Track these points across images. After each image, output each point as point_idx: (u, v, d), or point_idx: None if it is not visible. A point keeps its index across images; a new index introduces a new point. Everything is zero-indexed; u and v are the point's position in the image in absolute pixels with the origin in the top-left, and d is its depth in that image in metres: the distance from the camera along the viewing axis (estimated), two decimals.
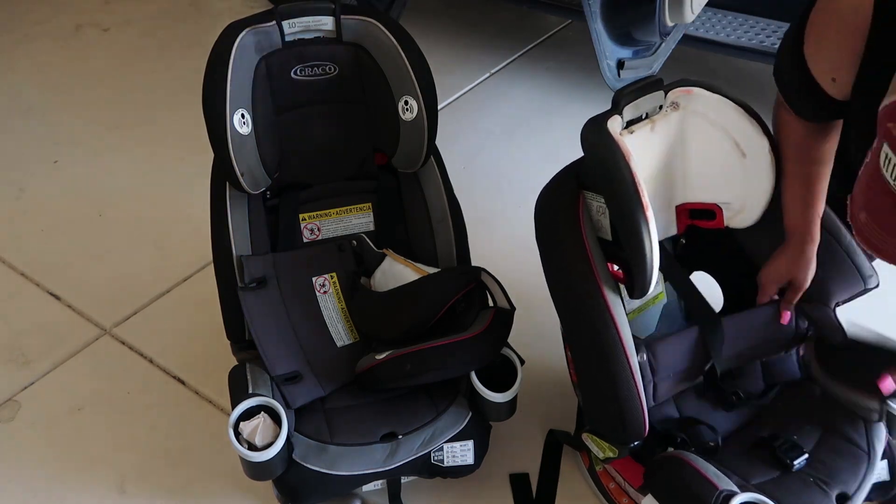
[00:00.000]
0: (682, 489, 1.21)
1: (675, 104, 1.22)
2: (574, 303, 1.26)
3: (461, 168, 2.28)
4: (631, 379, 1.21)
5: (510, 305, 1.40)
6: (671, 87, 1.23)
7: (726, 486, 1.16)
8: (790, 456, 1.29)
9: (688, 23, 2.00)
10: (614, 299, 1.21)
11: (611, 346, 1.20)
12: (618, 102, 1.19)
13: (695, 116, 1.23)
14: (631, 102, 1.20)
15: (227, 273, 1.46)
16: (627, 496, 1.41)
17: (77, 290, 1.94)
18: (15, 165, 2.32)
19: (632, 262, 1.17)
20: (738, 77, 2.71)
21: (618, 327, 1.19)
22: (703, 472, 1.19)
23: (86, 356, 1.79)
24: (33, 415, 1.66)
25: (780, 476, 1.28)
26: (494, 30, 3.01)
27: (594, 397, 1.30)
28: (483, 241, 1.88)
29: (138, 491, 1.53)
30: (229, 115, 1.35)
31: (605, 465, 1.44)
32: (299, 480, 1.32)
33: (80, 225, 2.11)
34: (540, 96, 2.63)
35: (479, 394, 1.36)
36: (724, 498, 1.14)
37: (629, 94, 1.19)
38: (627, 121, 1.21)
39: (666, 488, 1.24)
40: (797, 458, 1.28)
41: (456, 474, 1.41)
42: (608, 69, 1.90)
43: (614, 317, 1.20)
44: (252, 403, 1.30)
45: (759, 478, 1.28)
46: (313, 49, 1.45)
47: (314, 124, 1.52)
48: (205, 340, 1.76)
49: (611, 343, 1.20)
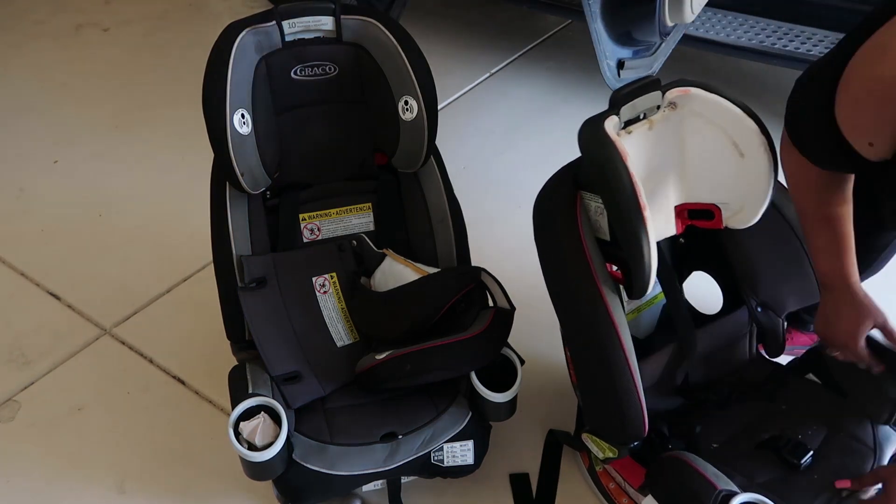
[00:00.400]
0: (681, 489, 1.21)
1: (673, 104, 1.22)
2: (573, 304, 1.26)
3: (461, 168, 2.29)
4: (630, 379, 1.20)
5: (510, 305, 1.40)
6: (669, 87, 1.23)
7: (725, 486, 1.16)
8: (796, 455, 1.29)
9: (688, 23, 2.00)
10: (613, 300, 1.20)
11: (610, 347, 1.20)
12: (615, 102, 1.19)
13: (692, 116, 1.23)
14: (628, 102, 1.19)
15: (227, 273, 1.46)
16: (627, 496, 1.41)
17: (77, 289, 1.94)
18: (15, 165, 2.32)
19: (630, 263, 1.17)
20: (737, 77, 2.72)
21: (616, 328, 1.19)
22: (702, 471, 1.19)
23: (86, 356, 1.79)
24: (33, 415, 1.67)
25: (786, 475, 1.28)
26: (494, 30, 3.01)
27: (594, 397, 1.30)
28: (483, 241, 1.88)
29: (138, 491, 1.53)
30: (229, 115, 1.35)
31: (605, 466, 1.44)
32: (299, 480, 1.32)
33: (80, 225, 2.11)
34: (540, 96, 2.63)
35: (479, 394, 1.36)
36: (724, 498, 1.14)
37: (626, 95, 1.19)
38: (625, 121, 1.21)
39: (666, 488, 1.25)
40: (803, 457, 1.28)
41: (456, 474, 1.41)
42: (608, 69, 1.90)
43: (613, 317, 1.19)
44: (252, 403, 1.30)
45: (764, 477, 1.28)
46: (313, 49, 1.45)
47: (314, 124, 1.52)
48: (205, 340, 1.76)
49: (609, 344, 1.20)
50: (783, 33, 2.26)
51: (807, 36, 2.23)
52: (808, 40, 2.22)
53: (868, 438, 1.32)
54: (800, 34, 2.25)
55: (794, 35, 2.25)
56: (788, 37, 2.24)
